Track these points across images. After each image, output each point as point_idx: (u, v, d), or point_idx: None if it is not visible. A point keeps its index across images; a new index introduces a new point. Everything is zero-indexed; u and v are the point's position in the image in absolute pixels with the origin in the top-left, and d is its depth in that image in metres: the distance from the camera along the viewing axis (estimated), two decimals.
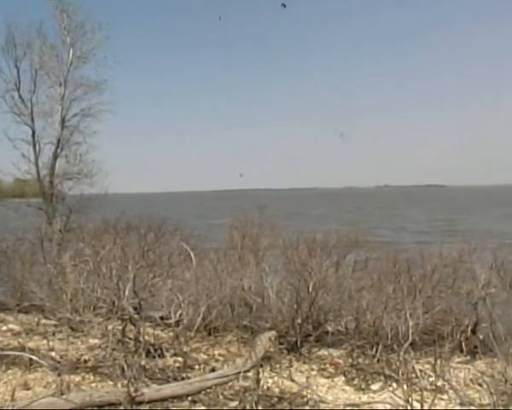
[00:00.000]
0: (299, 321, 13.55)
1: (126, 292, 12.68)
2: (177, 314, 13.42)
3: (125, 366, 10.22)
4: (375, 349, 12.65)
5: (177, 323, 13.40)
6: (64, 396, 9.79)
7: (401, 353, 11.54)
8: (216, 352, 13.52)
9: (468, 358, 12.97)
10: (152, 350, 12.56)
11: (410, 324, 12.14)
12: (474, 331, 13.58)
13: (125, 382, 9.66)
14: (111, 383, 11.04)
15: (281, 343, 13.53)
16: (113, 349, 12.34)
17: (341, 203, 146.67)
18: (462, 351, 13.19)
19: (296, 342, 13.43)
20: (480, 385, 11.07)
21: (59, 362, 11.94)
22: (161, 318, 14.23)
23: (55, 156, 22.20)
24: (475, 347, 13.15)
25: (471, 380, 11.56)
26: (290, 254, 15.27)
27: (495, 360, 11.49)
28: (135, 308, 13.06)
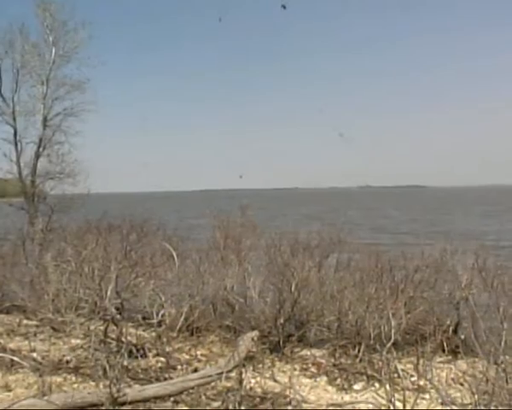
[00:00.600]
0: (282, 321, 13.53)
1: (108, 292, 12.60)
2: (160, 314, 13.39)
3: (108, 367, 10.15)
4: (357, 349, 12.65)
5: (160, 323, 13.37)
6: (46, 398, 9.70)
7: (383, 353, 11.53)
8: (198, 352, 13.47)
9: (450, 357, 13.02)
10: (134, 350, 12.49)
11: (393, 324, 12.15)
12: (455, 331, 13.64)
13: (108, 382, 9.60)
14: (93, 383, 10.96)
15: (263, 343, 13.52)
16: (96, 350, 12.22)
17: (323, 204, 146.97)
18: (443, 351, 13.24)
19: (279, 342, 13.40)
20: (462, 385, 11.11)
21: (40, 363, 11.88)
22: (144, 318, 14.20)
23: (37, 156, 22.14)
24: (457, 346, 13.20)
25: (453, 380, 11.61)
26: (273, 255, 15.31)
27: (476, 359, 11.52)
28: (117, 309, 12.99)
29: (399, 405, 9.34)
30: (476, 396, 8.97)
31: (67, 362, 12.63)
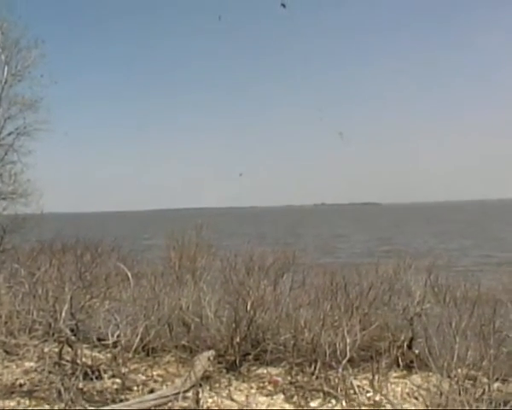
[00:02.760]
0: (238, 340, 13.55)
1: (63, 314, 12.46)
2: (115, 335, 13.25)
3: (62, 389, 10.06)
4: (313, 366, 12.70)
5: (115, 344, 13.23)
6: None
7: (339, 369, 11.67)
8: (154, 373, 13.41)
9: (405, 372, 13.18)
10: (89, 372, 12.34)
11: (348, 340, 12.27)
12: (410, 346, 13.81)
13: (63, 405, 9.51)
14: (47, 407, 10.84)
15: (220, 362, 13.51)
16: (50, 372, 12.09)
17: (278, 222, 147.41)
18: (398, 366, 13.39)
19: (235, 360, 13.41)
20: (417, 398, 11.28)
21: None
22: (99, 339, 14.04)
23: None
24: (411, 361, 13.36)
25: (408, 394, 11.76)
26: (228, 274, 15.32)
27: (430, 373, 11.69)
28: (72, 330, 12.85)
29: None
30: (430, 409, 9.13)
31: (21, 386, 12.45)
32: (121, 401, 11.15)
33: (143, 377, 13.05)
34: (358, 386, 11.68)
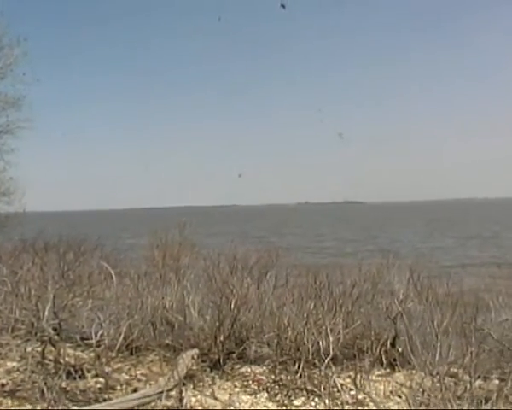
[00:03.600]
0: (222, 339, 13.56)
1: (46, 313, 12.42)
2: (98, 334, 13.22)
3: (45, 389, 10.03)
4: (297, 365, 12.72)
5: (99, 343, 13.20)
6: None
7: (322, 368, 11.72)
8: (138, 372, 13.40)
9: (388, 371, 13.24)
10: (73, 372, 12.30)
11: (331, 339, 12.35)
12: (393, 345, 13.86)
13: (45, 405, 9.48)
14: (30, 406, 10.80)
15: (203, 361, 13.50)
16: (33, 372, 12.05)
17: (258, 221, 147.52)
18: (382, 364, 13.44)
19: (219, 359, 13.42)
20: (400, 397, 11.35)
21: None
22: (82, 338, 14.02)
23: None
24: (394, 360, 13.43)
25: (391, 392, 11.83)
26: (211, 272, 15.35)
27: (413, 371, 11.78)
28: (55, 329, 12.82)
29: None
30: (413, 407, 9.21)
31: (3, 386, 12.39)
32: (104, 400, 11.13)
33: (127, 377, 13.04)
34: (341, 384, 11.73)
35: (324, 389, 11.09)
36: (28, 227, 21.94)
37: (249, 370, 13.41)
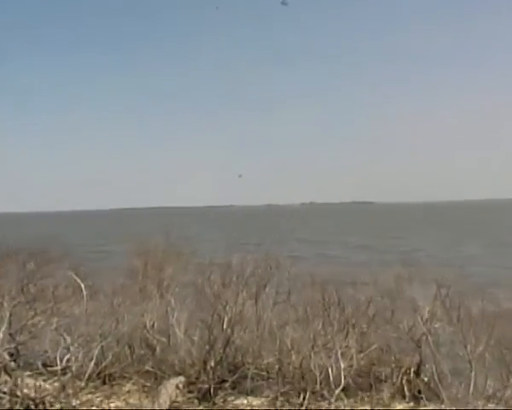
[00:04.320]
0: (212, 364, 13.18)
1: (0, 335, 12.20)
2: (65, 360, 12.94)
3: None
4: (302, 396, 12.26)
5: (64, 370, 12.90)
6: None
7: (332, 400, 11.47)
8: (112, 405, 12.93)
9: (412, 404, 12.82)
10: (32, 406, 11.91)
11: (343, 365, 11.94)
12: (417, 373, 13.46)
13: None
14: None
15: (190, 392, 13.14)
16: None
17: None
18: (403, 396, 13.06)
19: (209, 389, 13.01)
20: None
21: None
22: (44, 365, 13.78)
23: None
24: (419, 391, 13.09)
25: None
26: (201, 285, 15.21)
27: (442, 406, 11.54)
28: (11, 355, 12.56)
29: None
30: None
31: None
32: None
33: None
34: None
35: None
36: None
37: (245, 402, 12.83)
